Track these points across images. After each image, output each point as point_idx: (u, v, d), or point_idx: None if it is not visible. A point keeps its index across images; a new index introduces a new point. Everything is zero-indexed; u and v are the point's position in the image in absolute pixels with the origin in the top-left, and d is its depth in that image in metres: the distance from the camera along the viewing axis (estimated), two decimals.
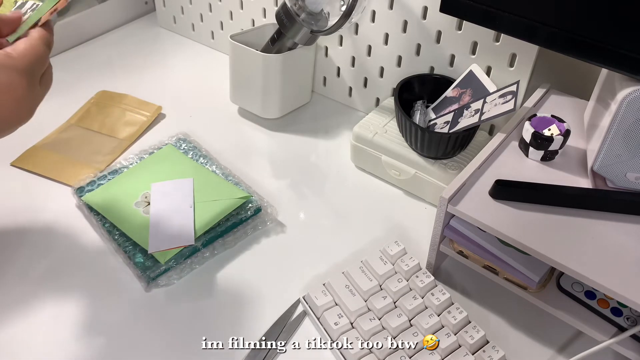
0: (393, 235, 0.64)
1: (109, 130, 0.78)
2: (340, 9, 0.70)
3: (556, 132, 0.56)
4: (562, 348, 0.54)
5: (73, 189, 0.68)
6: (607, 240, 0.49)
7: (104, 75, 0.90)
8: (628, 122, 0.48)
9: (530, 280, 0.52)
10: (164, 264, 0.59)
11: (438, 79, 0.71)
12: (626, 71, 0.49)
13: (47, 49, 0.47)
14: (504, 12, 0.54)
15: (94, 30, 1.00)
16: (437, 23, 0.69)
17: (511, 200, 0.52)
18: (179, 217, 0.62)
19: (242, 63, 0.77)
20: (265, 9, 0.86)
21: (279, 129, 0.81)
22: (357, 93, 0.84)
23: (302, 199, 0.70)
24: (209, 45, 0.99)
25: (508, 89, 0.61)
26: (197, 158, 0.72)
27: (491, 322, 0.57)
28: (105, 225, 0.63)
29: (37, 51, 0.45)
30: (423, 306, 0.55)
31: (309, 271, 0.61)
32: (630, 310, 0.50)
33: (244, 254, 0.63)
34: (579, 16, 0.50)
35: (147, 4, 1.07)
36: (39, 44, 0.46)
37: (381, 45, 0.76)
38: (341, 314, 0.54)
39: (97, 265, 0.61)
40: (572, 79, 0.68)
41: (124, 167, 0.71)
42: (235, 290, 0.59)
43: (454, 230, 0.55)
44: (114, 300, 0.57)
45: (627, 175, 0.51)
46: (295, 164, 0.75)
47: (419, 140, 0.64)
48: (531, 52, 0.64)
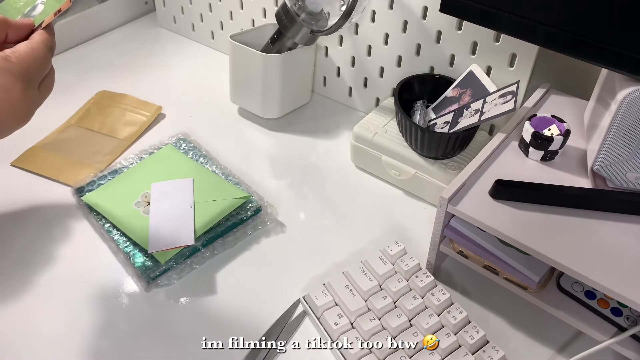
0: (393, 235, 0.64)
1: (109, 130, 0.78)
2: (340, 9, 0.70)
3: (556, 132, 0.56)
4: (562, 348, 0.54)
5: (73, 189, 0.68)
6: (607, 240, 0.49)
7: (104, 75, 0.90)
8: (628, 122, 0.48)
9: (530, 280, 0.52)
10: (164, 264, 0.59)
11: (438, 79, 0.71)
12: (626, 71, 0.49)
13: (49, 52, 0.47)
14: (504, 12, 0.54)
15: (94, 30, 1.00)
16: (437, 23, 0.69)
17: (511, 200, 0.52)
18: (179, 217, 0.62)
19: (242, 63, 0.77)
20: (265, 9, 0.86)
21: (279, 129, 0.81)
22: (357, 93, 0.84)
23: (302, 199, 0.70)
24: (209, 45, 0.99)
25: (508, 89, 0.61)
26: (197, 158, 0.72)
27: (491, 322, 0.57)
28: (105, 225, 0.63)
29: (37, 55, 0.45)
30: (423, 306, 0.55)
31: (309, 271, 0.61)
32: (630, 310, 0.50)
33: (244, 254, 0.63)
34: (578, 16, 0.50)
35: (147, 4, 1.07)
36: (40, 47, 0.45)
37: (381, 45, 0.76)
38: (341, 314, 0.54)
39: (97, 265, 0.61)
40: (572, 79, 0.68)
41: (124, 167, 0.71)
42: (235, 290, 0.59)
43: (454, 230, 0.55)
44: (114, 300, 0.57)
45: (627, 175, 0.51)
46: (295, 164, 0.75)
47: (419, 140, 0.64)
48: (531, 52, 0.64)
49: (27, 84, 0.44)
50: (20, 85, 0.44)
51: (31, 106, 0.46)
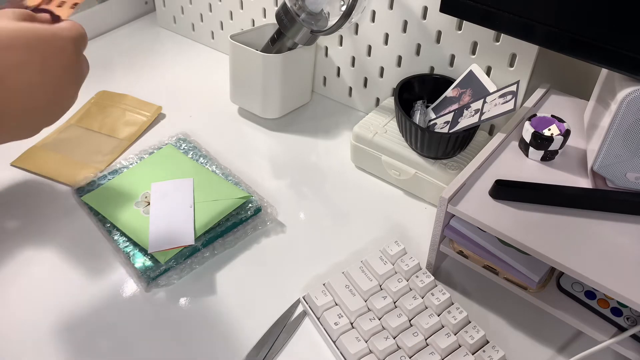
0: (393, 235, 0.64)
1: (109, 130, 0.78)
2: (340, 9, 0.71)
3: (556, 132, 0.56)
4: (562, 348, 0.54)
5: (73, 189, 0.68)
6: (607, 240, 0.49)
7: (104, 75, 0.90)
8: (628, 122, 0.48)
9: (530, 280, 0.52)
10: (164, 264, 0.59)
11: (438, 79, 0.71)
12: (626, 71, 0.49)
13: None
14: (504, 12, 0.55)
15: (94, 30, 1.00)
16: (437, 23, 0.69)
17: (511, 200, 0.52)
18: (179, 217, 0.62)
19: (242, 63, 0.77)
20: (265, 9, 0.86)
21: (279, 129, 0.81)
22: (357, 93, 0.84)
23: (302, 199, 0.70)
24: (209, 45, 0.99)
25: (508, 89, 0.61)
26: (197, 158, 0.72)
27: (491, 322, 0.57)
28: (105, 225, 0.63)
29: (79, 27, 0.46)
30: (423, 306, 0.55)
31: (309, 271, 0.61)
32: (630, 310, 0.50)
33: (244, 254, 0.63)
34: (578, 16, 0.50)
35: (147, 4, 1.07)
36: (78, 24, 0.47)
37: (381, 45, 0.76)
38: (341, 314, 0.54)
39: (96, 265, 0.61)
40: (572, 79, 0.68)
41: (124, 167, 0.71)
42: (235, 290, 0.59)
43: (454, 230, 0.55)
44: (114, 300, 0.57)
45: (627, 175, 0.51)
46: (295, 164, 0.75)
47: (419, 140, 0.64)
48: (531, 52, 0.64)
49: (78, 50, 0.45)
50: (74, 48, 0.45)
51: (80, 74, 0.47)
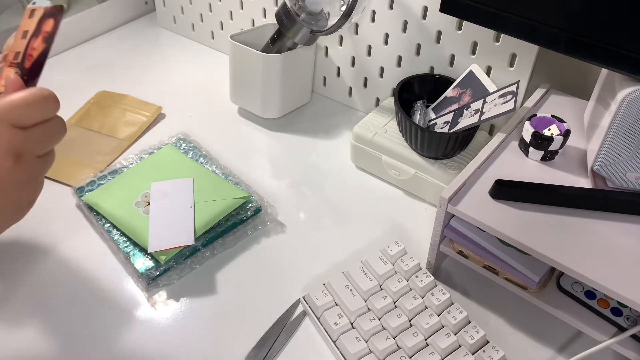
0: (393, 235, 0.64)
1: (109, 130, 0.78)
2: (340, 9, 0.71)
3: (556, 132, 0.56)
4: (562, 348, 0.54)
5: (73, 189, 0.68)
6: (607, 240, 0.49)
7: (104, 75, 0.90)
8: (628, 122, 0.48)
9: (530, 280, 0.52)
10: (164, 264, 0.59)
11: (438, 79, 0.71)
12: (626, 71, 0.49)
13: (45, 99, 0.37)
14: (504, 12, 0.55)
15: (94, 30, 1.00)
16: (437, 23, 0.69)
17: (511, 200, 0.52)
18: (179, 217, 0.62)
19: (242, 63, 0.77)
20: (265, 9, 0.86)
21: (279, 129, 0.81)
22: (357, 93, 0.84)
23: (302, 199, 0.70)
24: (209, 45, 0.99)
25: (508, 89, 0.61)
26: (197, 158, 0.72)
27: (491, 322, 0.57)
28: (105, 225, 0.63)
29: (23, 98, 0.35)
30: (423, 306, 0.55)
31: (309, 271, 0.61)
32: (630, 310, 0.50)
33: (244, 254, 0.63)
34: (579, 16, 0.50)
35: (147, 4, 1.07)
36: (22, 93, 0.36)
37: (381, 45, 0.76)
38: (341, 314, 0.54)
39: (96, 265, 0.61)
40: (572, 79, 0.68)
41: (124, 167, 0.71)
42: (235, 290, 0.59)
43: (454, 230, 0.55)
44: (114, 301, 0.57)
45: (627, 175, 0.51)
46: (295, 164, 0.75)
47: (419, 140, 0.64)
48: (531, 52, 0.64)
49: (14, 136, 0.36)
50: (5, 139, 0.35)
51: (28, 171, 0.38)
